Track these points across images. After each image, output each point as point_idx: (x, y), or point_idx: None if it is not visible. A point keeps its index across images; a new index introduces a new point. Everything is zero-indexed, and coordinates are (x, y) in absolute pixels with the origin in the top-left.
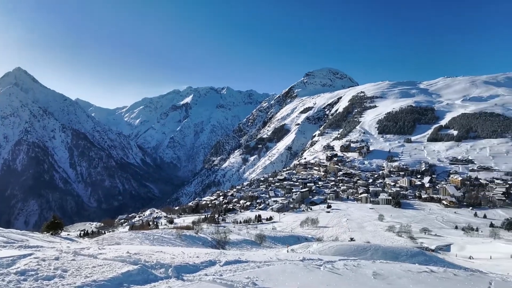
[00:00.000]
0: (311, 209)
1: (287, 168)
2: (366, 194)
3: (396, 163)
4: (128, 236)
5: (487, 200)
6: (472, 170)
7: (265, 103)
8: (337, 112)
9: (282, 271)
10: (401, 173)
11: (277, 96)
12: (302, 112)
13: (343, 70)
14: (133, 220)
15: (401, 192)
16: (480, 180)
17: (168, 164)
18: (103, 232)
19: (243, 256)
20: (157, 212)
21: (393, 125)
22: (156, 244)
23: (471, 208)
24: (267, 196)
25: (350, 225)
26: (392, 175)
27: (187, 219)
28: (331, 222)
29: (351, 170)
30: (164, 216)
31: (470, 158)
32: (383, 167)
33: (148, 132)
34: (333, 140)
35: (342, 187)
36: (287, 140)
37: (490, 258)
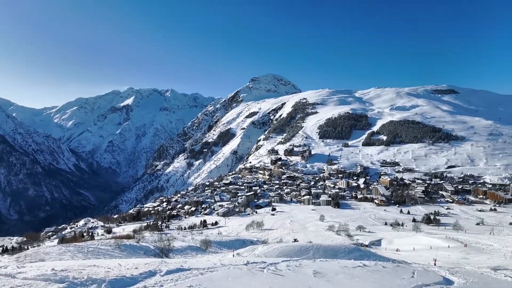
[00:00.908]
0: (256, 212)
1: (233, 172)
2: (308, 196)
3: (335, 166)
4: (57, 250)
5: (410, 198)
6: (398, 172)
7: (210, 107)
8: (281, 117)
9: (225, 277)
10: (339, 175)
11: (223, 100)
12: (247, 116)
13: (286, 77)
14: (63, 232)
15: (340, 193)
16: (405, 180)
17: (107, 169)
18: (25, 247)
19: (186, 264)
20: (92, 222)
21: (332, 130)
22: (91, 257)
23: (397, 205)
24: (213, 200)
25: (294, 227)
26: (332, 177)
27: (128, 228)
28: (276, 224)
29: (295, 173)
30: (101, 226)
31: (396, 160)
32: (324, 170)
33: (83, 135)
34: (277, 144)
35: (286, 190)
36: (233, 144)
37: (414, 249)
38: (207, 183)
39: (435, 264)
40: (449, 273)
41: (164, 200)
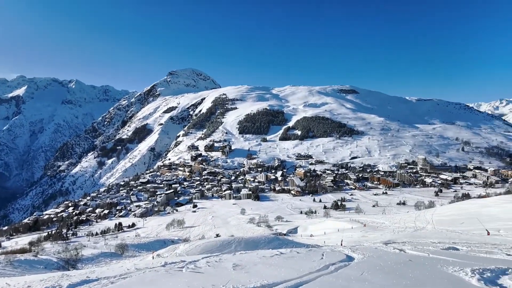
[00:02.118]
0: (177, 210)
1: (151, 170)
2: (229, 191)
3: (254, 161)
4: None
5: (321, 187)
6: (311, 164)
7: (124, 100)
8: (201, 113)
9: (140, 282)
10: (259, 169)
11: (138, 94)
12: (165, 111)
13: (206, 72)
14: None
15: (260, 187)
16: (317, 172)
17: None
18: None
19: (94, 274)
20: None
21: (251, 125)
22: None
23: (311, 195)
24: (129, 201)
25: (216, 222)
26: (251, 171)
27: (22, 241)
28: (198, 221)
29: (215, 169)
30: None
31: (310, 153)
32: (244, 164)
33: None
34: (197, 140)
35: (207, 186)
36: (150, 140)
37: (324, 233)
38: (122, 183)
39: (341, 245)
40: (351, 251)
41: (70, 204)
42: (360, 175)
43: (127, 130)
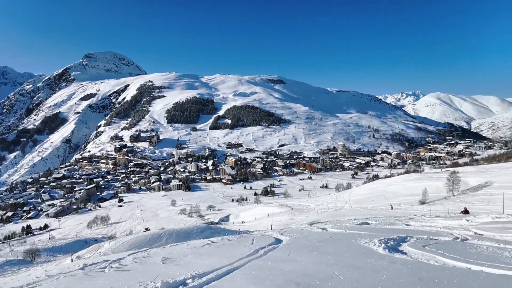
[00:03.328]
0: (100, 206)
1: (67, 164)
2: (158, 183)
3: (184, 150)
4: None
5: (252, 174)
6: (242, 152)
7: (28, 85)
8: (125, 101)
9: None
10: (189, 159)
11: (47, 78)
12: (83, 99)
13: (130, 57)
14: None
15: (190, 177)
16: (247, 160)
17: None
18: None
19: None
20: None
21: (180, 114)
22: None
23: (242, 182)
24: (39, 200)
25: (145, 216)
26: (181, 161)
27: None
28: (125, 216)
29: (143, 160)
30: None
31: (240, 142)
32: (173, 154)
33: None
34: (121, 130)
35: (134, 178)
36: (65, 131)
37: (255, 219)
38: (30, 180)
39: (271, 229)
40: (280, 234)
41: None
42: (287, 162)
43: (34, 119)
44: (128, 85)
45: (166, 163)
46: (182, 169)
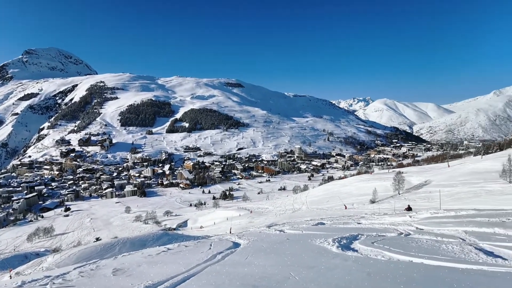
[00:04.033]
0: (42, 216)
1: (3, 171)
2: (111, 189)
3: (140, 155)
4: None
5: (210, 178)
6: (200, 156)
7: None
8: (73, 102)
9: None
10: (145, 163)
11: None
12: (22, 98)
13: (78, 55)
14: None
15: (146, 182)
16: (205, 163)
17: None
18: None
19: None
20: None
21: (135, 117)
22: None
23: (200, 186)
24: None
25: (96, 224)
26: (136, 166)
27: None
28: (72, 226)
29: (93, 166)
30: None
31: (198, 145)
32: (128, 159)
33: None
34: (69, 133)
35: (83, 185)
36: (0, 134)
37: (214, 223)
38: None
39: (230, 232)
40: (238, 238)
41: None
42: (246, 165)
43: None
44: (77, 85)
45: (120, 168)
46: (137, 174)
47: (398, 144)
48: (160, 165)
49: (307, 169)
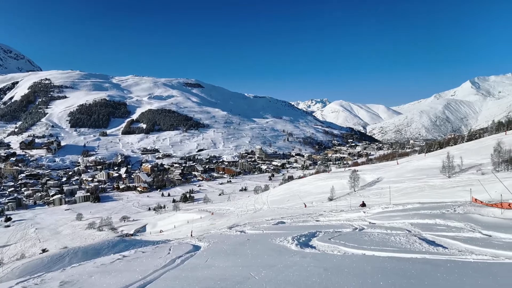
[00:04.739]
0: None
1: None
2: (59, 195)
3: (92, 158)
4: None
5: (170, 181)
6: (159, 158)
7: None
8: (13, 101)
9: None
10: (98, 167)
11: None
12: None
13: (19, 49)
14: None
15: (100, 186)
16: (164, 165)
17: None
18: None
19: None
20: None
21: (87, 118)
22: None
23: (159, 190)
24: None
25: (42, 235)
26: (89, 170)
27: None
28: (13, 238)
29: (38, 170)
30: None
31: (156, 147)
32: (79, 162)
33: None
34: (8, 136)
35: (26, 192)
36: None
37: (175, 227)
38: None
39: (191, 235)
40: (198, 240)
41: None
42: (207, 167)
43: None
44: (17, 82)
45: (70, 173)
46: (90, 179)
47: (353, 144)
48: (116, 168)
49: (267, 169)
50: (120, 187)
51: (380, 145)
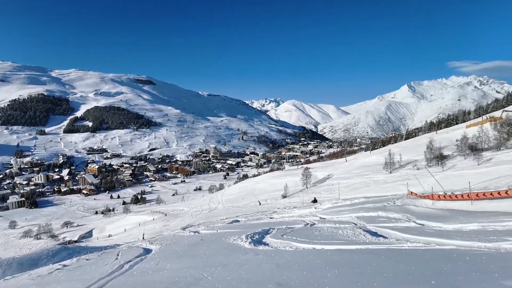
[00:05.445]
0: None
1: None
2: None
3: (28, 159)
4: None
5: (119, 182)
6: (107, 158)
7: None
8: None
9: None
10: (35, 169)
11: None
12: None
13: None
14: None
15: (38, 190)
16: (113, 166)
17: None
18: None
19: None
20: None
21: (21, 115)
22: None
23: (108, 192)
24: None
25: None
26: (24, 172)
27: None
28: None
29: None
30: None
31: (104, 147)
32: (11, 164)
33: None
34: None
35: None
36: None
37: (125, 230)
38: None
39: (143, 238)
40: (150, 243)
41: None
42: (159, 166)
43: None
44: None
45: (1, 176)
46: (25, 182)
47: (305, 142)
48: (57, 170)
49: (222, 168)
50: (62, 190)
51: (331, 143)
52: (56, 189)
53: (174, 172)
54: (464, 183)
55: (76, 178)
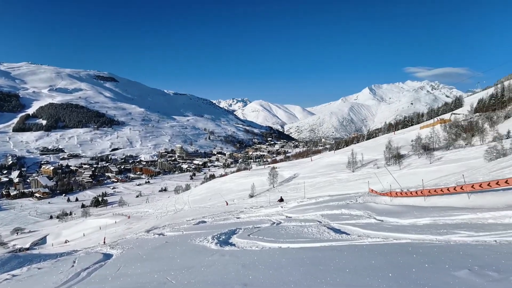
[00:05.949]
0: None
1: None
2: None
3: None
4: None
5: (78, 184)
6: (63, 159)
7: None
8: None
9: None
10: None
11: None
12: None
13: None
14: None
15: None
16: (71, 167)
17: None
18: None
19: None
20: None
21: None
22: None
23: (64, 194)
24: None
25: None
26: None
27: None
28: None
29: None
30: None
31: (60, 147)
32: None
33: None
34: None
35: None
36: None
37: (84, 235)
38: None
39: (104, 243)
40: (110, 248)
41: None
42: (122, 167)
43: None
44: None
45: None
46: None
47: (272, 142)
48: (5, 172)
49: (188, 168)
50: (11, 194)
51: (297, 143)
52: (4, 193)
53: (138, 173)
54: (418, 180)
55: (28, 180)
